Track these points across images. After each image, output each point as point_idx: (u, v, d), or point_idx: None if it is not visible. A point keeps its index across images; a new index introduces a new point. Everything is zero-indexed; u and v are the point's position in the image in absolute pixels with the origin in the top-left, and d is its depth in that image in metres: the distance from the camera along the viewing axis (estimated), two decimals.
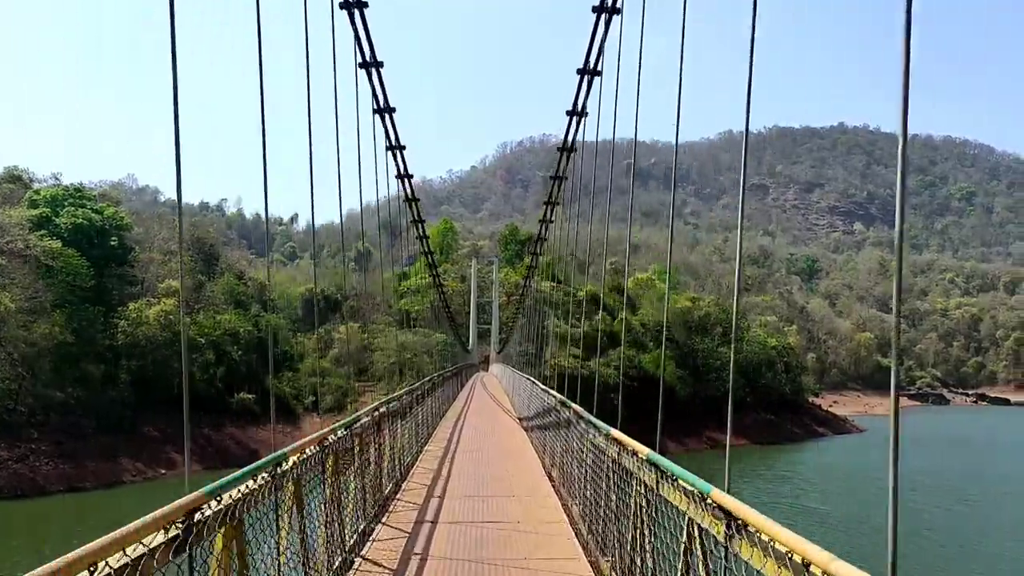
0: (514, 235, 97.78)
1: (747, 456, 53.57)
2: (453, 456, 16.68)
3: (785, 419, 65.09)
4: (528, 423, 21.26)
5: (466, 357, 63.70)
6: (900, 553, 3.36)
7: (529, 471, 14.62)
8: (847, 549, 24.66)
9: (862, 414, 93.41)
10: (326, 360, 61.78)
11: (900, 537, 3.34)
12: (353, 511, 8.96)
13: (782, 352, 71.11)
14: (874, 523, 28.05)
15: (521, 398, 26.70)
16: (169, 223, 60.80)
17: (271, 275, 53.11)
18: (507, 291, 73.43)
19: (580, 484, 10.07)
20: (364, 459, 10.02)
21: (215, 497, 4.25)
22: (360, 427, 9.80)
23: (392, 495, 12.03)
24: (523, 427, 22.17)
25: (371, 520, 9.91)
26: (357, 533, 8.92)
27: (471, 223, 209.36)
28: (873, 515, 30.69)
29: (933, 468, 45.35)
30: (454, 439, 19.74)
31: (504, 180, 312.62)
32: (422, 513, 10.72)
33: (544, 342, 44.36)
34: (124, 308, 47.64)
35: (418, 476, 14.02)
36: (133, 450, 43.27)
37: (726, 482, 5.20)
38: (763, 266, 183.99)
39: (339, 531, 8.01)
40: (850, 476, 45.63)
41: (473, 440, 19.82)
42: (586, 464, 9.55)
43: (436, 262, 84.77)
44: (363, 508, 9.65)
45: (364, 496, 9.80)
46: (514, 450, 17.86)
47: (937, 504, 35.76)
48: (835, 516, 32.17)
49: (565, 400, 12.63)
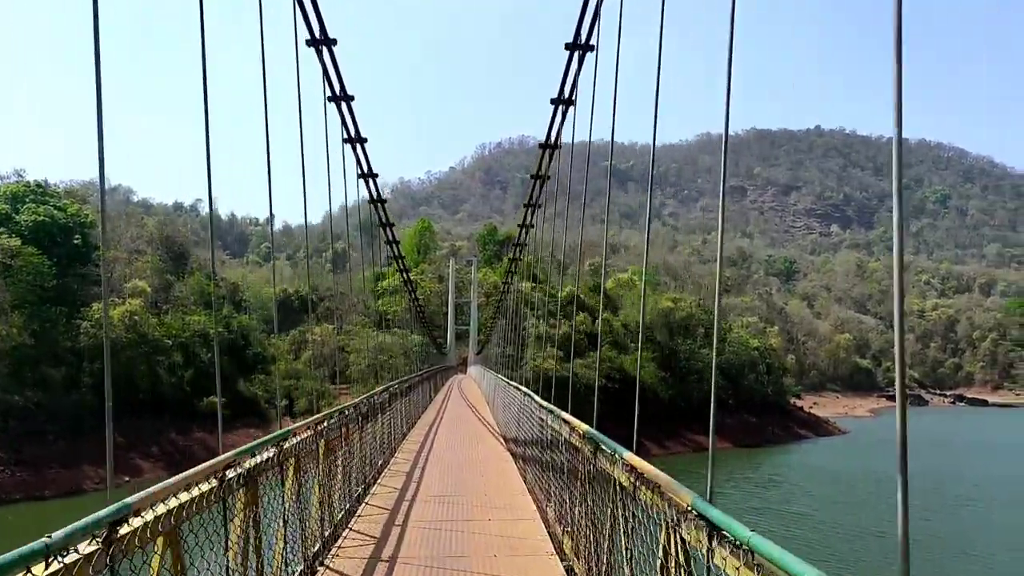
0: (493, 235, 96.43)
1: (731, 459, 52.69)
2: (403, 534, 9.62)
3: (768, 421, 64.34)
4: (518, 448, 15.69)
5: (442, 359, 62.15)
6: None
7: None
8: (851, 560, 23.79)
9: (843, 416, 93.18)
10: (300, 362, 60.18)
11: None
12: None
13: (764, 353, 70.44)
14: (873, 530, 27.14)
15: (506, 411, 20.83)
16: (137, 221, 58.92)
17: (214, 271, 51.32)
18: (486, 291, 72.08)
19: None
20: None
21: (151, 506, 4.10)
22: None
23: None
24: (510, 450, 17.08)
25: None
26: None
27: (449, 224, 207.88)
28: (869, 521, 29.84)
29: (933, 471, 44.67)
30: (411, 487, 13.00)
31: (483, 181, 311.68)
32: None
33: (523, 344, 43.21)
34: (87, 309, 45.77)
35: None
36: (96, 457, 41.45)
37: (708, 488, 4.74)
38: (741, 267, 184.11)
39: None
40: (840, 480, 44.86)
41: (442, 481, 13.63)
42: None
43: (410, 265, 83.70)
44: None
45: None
46: (502, 491, 12.59)
47: (937, 507, 34.98)
48: (831, 523, 31.16)
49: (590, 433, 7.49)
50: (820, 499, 37.26)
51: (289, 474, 7.25)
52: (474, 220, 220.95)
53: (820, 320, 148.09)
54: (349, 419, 11.01)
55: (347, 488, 10.68)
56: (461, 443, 19.86)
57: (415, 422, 24.27)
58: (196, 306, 55.47)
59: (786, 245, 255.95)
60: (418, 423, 24.46)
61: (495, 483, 13.29)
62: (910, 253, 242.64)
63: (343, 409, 10.88)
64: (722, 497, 36.54)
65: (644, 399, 56.19)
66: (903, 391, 2.97)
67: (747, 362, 65.93)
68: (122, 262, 51.79)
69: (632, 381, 56.94)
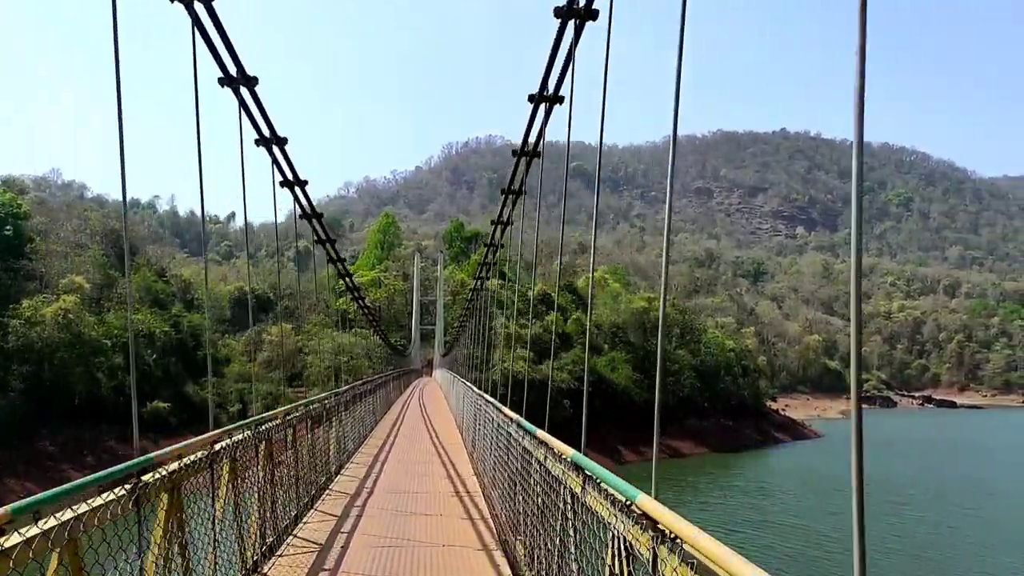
0: (459, 231, 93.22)
1: (711, 465, 50.41)
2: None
3: (744, 424, 62.14)
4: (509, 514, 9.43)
5: (402, 363, 58.62)
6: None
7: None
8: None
9: (815, 418, 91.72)
10: (255, 364, 56.65)
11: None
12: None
13: (740, 355, 68.35)
14: (881, 546, 24.75)
15: (482, 437, 14.30)
16: (78, 213, 54.90)
17: (124, 271, 47.83)
18: (452, 290, 68.95)
19: None
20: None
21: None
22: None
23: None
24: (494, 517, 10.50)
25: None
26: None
27: (416, 223, 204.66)
28: (874, 534, 27.44)
29: (919, 476, 42.77)
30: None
31: (449, 181, 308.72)
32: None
33: (492, 345, 40.11)
34: (17, 306, 41.88)
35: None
36: (24, 468, 37.75)
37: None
38: (710, 268, 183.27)
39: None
40: (830, 485, 42.63)
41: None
42: None
43: (373, 262, 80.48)
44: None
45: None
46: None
47: (923, 512, 32.89)
48: (832, 536, 28.67)
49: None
50: (811, 510, 34.84)
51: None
52: (440, 220, 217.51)
53: (790, 321, 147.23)
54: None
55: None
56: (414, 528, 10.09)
57: (339, 467, 14.72)
58: (143, 304, 51.70)
59: (752, 247, 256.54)
60: (340, 478, 14.01)
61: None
62: (874, 256, 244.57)
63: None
64: (714, 508, 33.99)
65: (619, 403, 53.69)
66: (859, 412, 2.69)
67: (723, 364, 63.72)
68: (58, 256, 47.84)
69: (606, 382, 54.48)
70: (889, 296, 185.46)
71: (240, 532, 7.17)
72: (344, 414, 16.57)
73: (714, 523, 27.94)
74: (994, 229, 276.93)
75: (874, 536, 28.83)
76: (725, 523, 28.70)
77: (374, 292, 69.97)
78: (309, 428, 11.56)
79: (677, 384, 57.66)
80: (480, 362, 36.40)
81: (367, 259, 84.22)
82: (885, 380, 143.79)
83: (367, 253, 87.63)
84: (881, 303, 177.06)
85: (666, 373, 57.32)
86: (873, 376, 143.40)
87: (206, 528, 6.24)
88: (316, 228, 16.64)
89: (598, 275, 74.88)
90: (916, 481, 45.81)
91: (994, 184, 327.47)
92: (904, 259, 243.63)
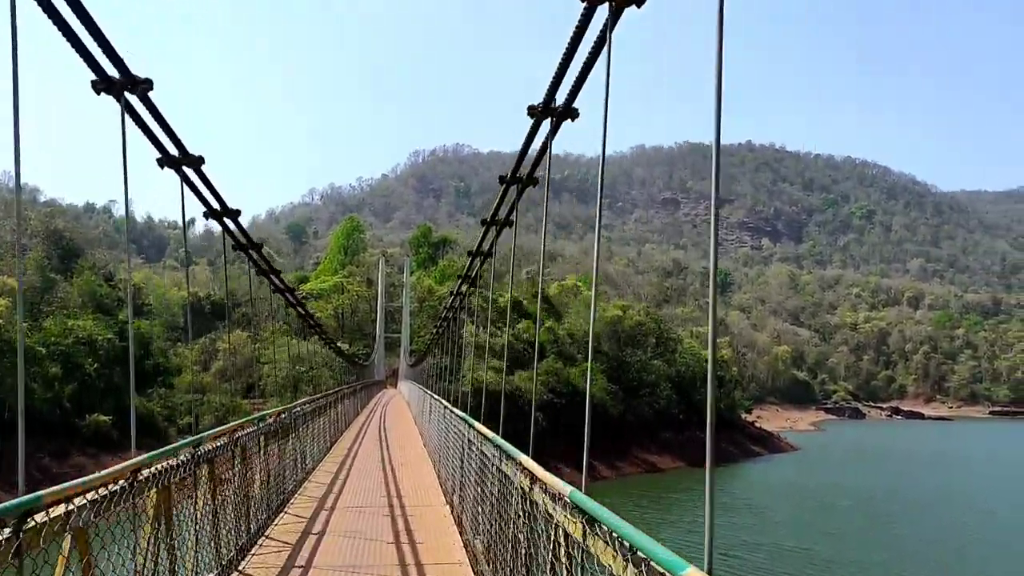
0: (427, 237, 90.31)
1: (687, 479, 48.12)
2: None
3: (721, 437, 59.94)
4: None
5: (363, 374, 55.18)
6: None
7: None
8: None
9: (787, 429, 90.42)
10: (208, 374, 53.38)
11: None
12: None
13: (719, 365, 66.26)
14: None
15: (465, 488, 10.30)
16: (5, 206, 51.13)
17: (20, 271, 44.59)
18: (419, 296, 65.97)
19: None
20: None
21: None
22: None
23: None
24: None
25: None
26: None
27: (382, 231, 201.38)
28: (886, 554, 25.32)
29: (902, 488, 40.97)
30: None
31: (416, 189, 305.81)
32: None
33: (461, 354, 37.46)
34: None
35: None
36: None
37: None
38: (678, 278, 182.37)
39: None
40: (813, 503, 40.65)
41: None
42: None
43: (335, 267, 77.07)
44: None
45: None
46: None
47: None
48: (836, 560, 26.43)
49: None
50: (808, 529, 32.58)
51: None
52: (407, 228, 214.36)
53: (758, 332, 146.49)
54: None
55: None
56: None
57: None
58: (84, 309, 48.15)
59: (719, 258, 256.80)
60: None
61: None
62: (838, 268, 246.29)
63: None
64: (703, 528, 31.39)
65: (593, 415, 51.27)
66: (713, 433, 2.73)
67: (699, 375, 61.57)
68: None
69: (579, 393, 51.99)
70: (855, 307, 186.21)
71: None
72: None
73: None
74: (954, 242, 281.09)
75: (889, 551, 26.77)
76: (719, 546, 26.32)
77: (336, 299, 66.81)
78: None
79: (653, 396, 55.47)
80: (447, 371, 33.70)
81: (329, 264, 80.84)
82: (852, 392, 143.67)
83: (329, 258, 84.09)
84: (847, 314, 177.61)
85: (642, 386, 55.59)
86: (840, 387, 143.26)
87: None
88: (256, 259, 14.29)
89: (570, 282, 72.67)
90: (897, 494, 44.26)
91: (953, 198, 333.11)
92: (867, 271, 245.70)
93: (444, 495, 12.49)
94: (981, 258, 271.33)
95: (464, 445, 10.35)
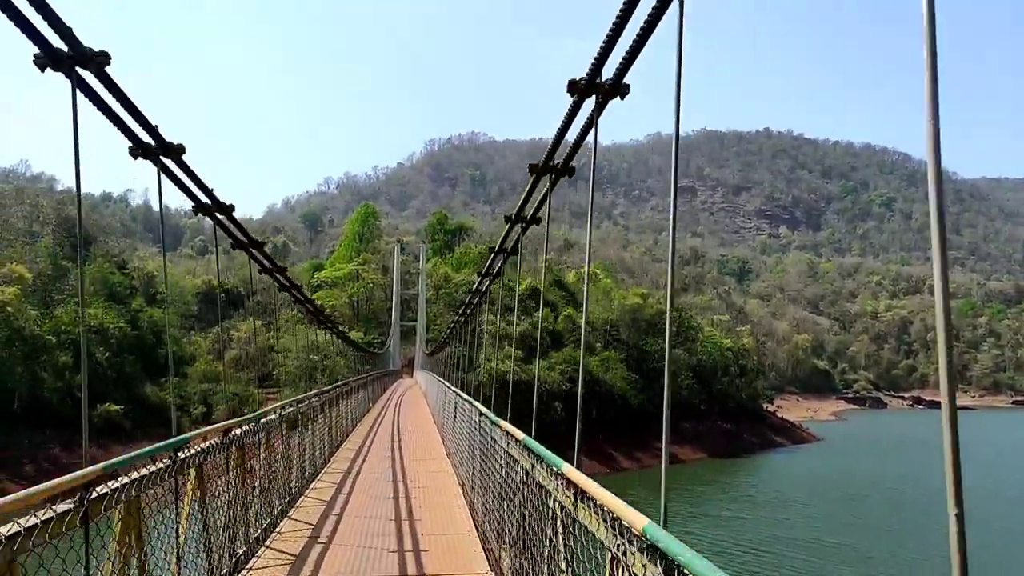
0: (443, 224, 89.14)
1: (711, 471, 46.96)
2: None
3: (743, 428, 58.80)
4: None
5: (377, 363, 53.98)
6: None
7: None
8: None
9: (809, 419, 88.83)
10: (222, 363, 52.63)
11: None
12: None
13: (739, 354, 64.90)
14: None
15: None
16: (30, 199, 50.44)
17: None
18: (435, 283, 64.89)
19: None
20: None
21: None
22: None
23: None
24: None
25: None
26: None
27: (397, 220, 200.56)
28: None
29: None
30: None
31: (431, 177, 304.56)
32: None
33: (478, 344, 36.32)
34: None
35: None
36: None
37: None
38: (696, 266, 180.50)
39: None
40: (840, 494, 39.37)
41: None
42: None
43: (351, 255, 76.07)
44: None
45: None
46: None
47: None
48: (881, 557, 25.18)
49: None
50: (842, 522, 31.24)
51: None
52: (422, 216, 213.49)
53: (777, 320, 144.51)
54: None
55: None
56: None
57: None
58: (96, 297, 47.48)
59: (736, 245, 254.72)
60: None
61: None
62: (857, 255, 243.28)
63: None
64: (730, 523, 30.27)
65: (613, 405, 50.18)
66: (952, 399, 2.33)
67: (721, 364, 60.31)
68: (2, 243, 43.49)
69: (599, 383, 50.97)
70: (875, 296, 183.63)
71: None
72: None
73: (737, 542, 24.47)
74: (975, 230, 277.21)
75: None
76: (749, 540, 25.22)
77: (351, 287, 65.84)
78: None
79: (674, 385, 54.29)
80: (465, 359, 32.75)
81: (344, 252, 79.76)
82: (872, 381, 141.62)
83: (344, 245, 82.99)
84: (868, 303, 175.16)
85: (661, 375, 54.07)
86: (861, 376, 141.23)
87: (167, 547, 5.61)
88: (258, 257, 12.60)
89: (590, 270, 71.33)
90: (925, 484, 42.86)
91: (975, 186, 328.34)
92: (886, 259, 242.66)
93: (481, 541, 8.70)
94: (1002, 246, 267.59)
95: (505, 473, 7.92)
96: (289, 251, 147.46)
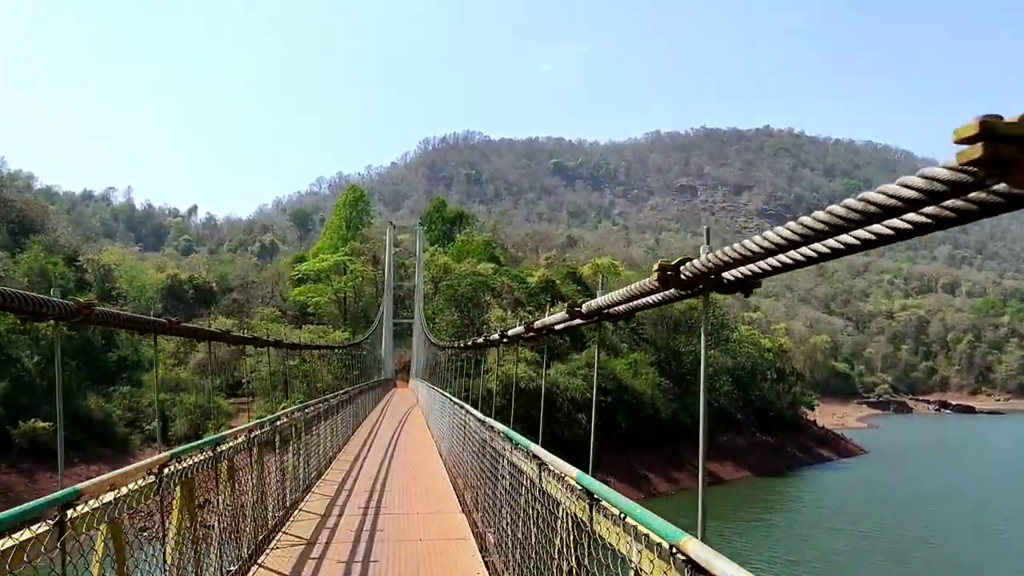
0: (440, 212, 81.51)
1: (760, 492, 39.58)
2: None
3: (787, 441, 51.31)
4: None
5: (367, 369, 46.31)
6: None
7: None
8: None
9: (839, 426, 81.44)
10: (185, 370, 45.11)
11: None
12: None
13: (778, 355, 57.45)
14: None
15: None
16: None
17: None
18: (433, 275, 57.10)
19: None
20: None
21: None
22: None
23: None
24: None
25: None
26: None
27: (391, 219, 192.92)
28: None
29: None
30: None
31: (426, 177, 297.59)
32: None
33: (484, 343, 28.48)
34: None
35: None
36: None
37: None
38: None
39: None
40: (926, 510, 31.96)
41: None
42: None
43: (338, 243, 68.36)
44: None
45: None
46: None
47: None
48: None
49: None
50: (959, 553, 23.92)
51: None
52: (417, 216, 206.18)
53: (792, 321, 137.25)
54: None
55: None
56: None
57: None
58: (31, 291, 39.82)
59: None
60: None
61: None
62: (863, 255, 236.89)
63: None
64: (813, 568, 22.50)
65: (643, 416, 42.82)
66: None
67: (760, 367, 52.83)
68: None
69: (626, 389, 43.69)
70: (888, 295, 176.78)
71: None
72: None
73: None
74: (982, 228, 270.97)
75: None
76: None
77: (337, 280, 57.94)
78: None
79: (710, 392, 46.90)
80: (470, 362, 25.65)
81: (329, 239, 71.31)
82: (892, 384, 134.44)
83: (329, 233, 74.44)
84: (882, 302, 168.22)
85: (698, 380, 46.89)
86: (880, 379, 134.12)
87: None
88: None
89: (604, 261, 64.00)
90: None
91: None
92: (894, 258, 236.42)
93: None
94: (1010, 244, 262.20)
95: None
96: (278, 250, 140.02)
